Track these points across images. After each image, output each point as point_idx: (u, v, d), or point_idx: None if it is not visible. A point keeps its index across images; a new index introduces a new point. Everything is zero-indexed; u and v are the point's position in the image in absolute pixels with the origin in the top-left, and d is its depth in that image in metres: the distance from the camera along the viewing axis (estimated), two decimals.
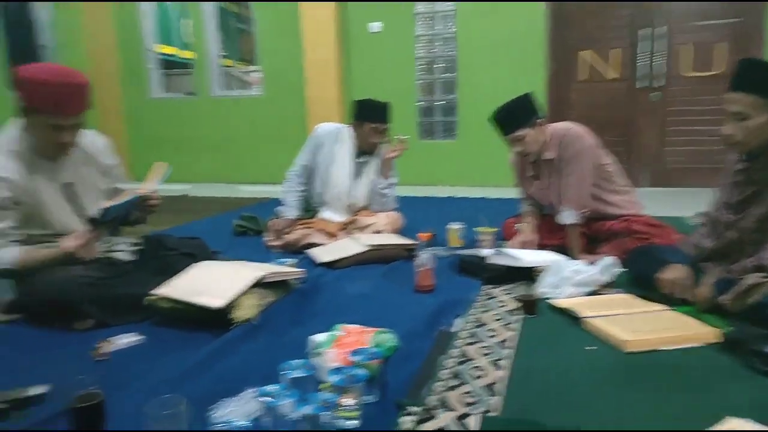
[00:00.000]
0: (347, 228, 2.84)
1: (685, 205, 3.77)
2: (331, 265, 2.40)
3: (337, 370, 1.20)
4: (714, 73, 4.76)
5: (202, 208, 4.39)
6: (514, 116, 2.37)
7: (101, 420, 1.16)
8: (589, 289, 1.96)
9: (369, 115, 2.83)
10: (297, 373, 1.21)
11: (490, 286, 2.12)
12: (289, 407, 1.08)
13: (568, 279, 1.95)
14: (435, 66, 5.66)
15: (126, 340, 1.62)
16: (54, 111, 1.77)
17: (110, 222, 1.88)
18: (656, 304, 1.79)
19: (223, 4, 6.46)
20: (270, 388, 1.14)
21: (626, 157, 4.73)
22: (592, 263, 2.07)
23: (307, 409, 1.05)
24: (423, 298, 1.99)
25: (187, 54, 7.01)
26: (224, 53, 7.05)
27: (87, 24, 6.33)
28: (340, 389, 1.15)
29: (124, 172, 2.21)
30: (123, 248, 2.08)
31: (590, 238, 2.48)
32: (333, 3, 5.47)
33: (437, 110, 5.74)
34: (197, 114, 6.32)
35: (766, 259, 1.62)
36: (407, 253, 2.47)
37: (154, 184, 1.98)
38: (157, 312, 1.77)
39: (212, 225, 3.61)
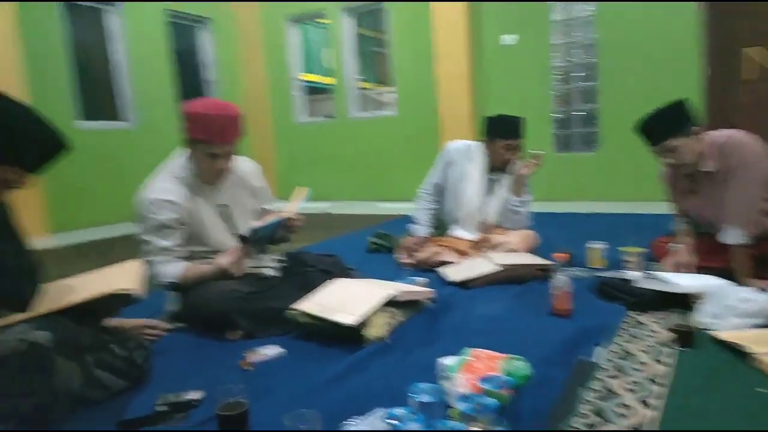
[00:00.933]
0: (479, 246, 2.79)
1: None
2: (462, 284, 2.37)
3: (465, 398, 1.17)
4: None
5: (341, 225, 4.61)
6: (663, 124, 2.16)
7: (245, 427, 1.25)
8: (760, 321, 1.70)
9: (501, 132, 2.77)
10: (425, 398, 1.20)
11: (637, 312, 1.94)
12: None
13: (733, 308, 1.72)
14: (572, 75, 5.39)
15: (269, 351, 1.73)
16: (211, 140, 1.97)
17: (258, 241, 2.03)
18: None
19: (360, 29, 6.79)
20: (398, 411, 1.14)
21: None
22: (763, 290, 1.80)
23: None
24: (559, 322, 1.88)
25: (327, 80, 7.46)
26: (361, 77, 7.38)
27: (243, 59, 7.05)
28: (469, 418, 1.11)
29: (272, 193, 2.39)
30: (269, 264, 2.25)
31: (760, 260, 2.16)
32: (465, 16, 5.49)
33: (575, 121, 5.45)
34: (337, 135, 6.69)
35: None
36: (542, 274, 2.35)
37: (297, 207, 2.11)
38: (297, 325, 1.88)
39: (348, 242, 3.77)
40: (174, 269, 1.97)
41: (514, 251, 2.67)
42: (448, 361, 1.42)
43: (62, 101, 5.16)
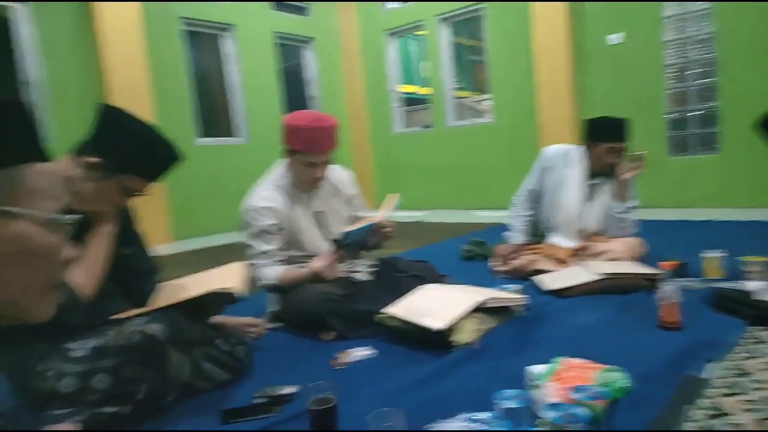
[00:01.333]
0: (579, 254, 2.66)
1: None
2: (559, 293, 2.28)
3: (554, 406, 1.13)
4: None
5: (436, 233, 4.61)
6: None
7: (333, 422, 1.29)
8: None
9: (603, 135, 2.64)
10: (511, 404, 1.17)
11: (759, 327, 1.75)
12: None
13: None
14: (688, 72, 5.00)
15: (360, 352, 1.78)
16: (308, 150, 2.07)
17: (349, 245, 2.10)
18: None
19: (457, 38, 6.80)
20: (482, 415, 1.13)
21: None
22: None
23: None
24: (666, 336, 1.74)
25: (425, 90, 7.53)
26: (459, 86, 7.38)
27: (343, 74, 7.32)
28: (558, 427, 1.07)
29: (364, 201, 2.46)
30: (361, 269, 2.31)
31: None
32: (567, 18, 5.32)
33: (692, 121, 5.04)
34: (434, 145, 6.72)
35: None
36: (649, 284, 2.19)
37: (387, 213, 2.16)
38: (387, 329, 1.91)
39: (442, 249, 3.76)
40: (273, 272, 2.09)
41: (617, 260, 2.51)
42: (537, 369, 1.38)
43: (184, 121, 5.67)
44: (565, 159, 2.76)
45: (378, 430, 1.12)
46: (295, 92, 6.99)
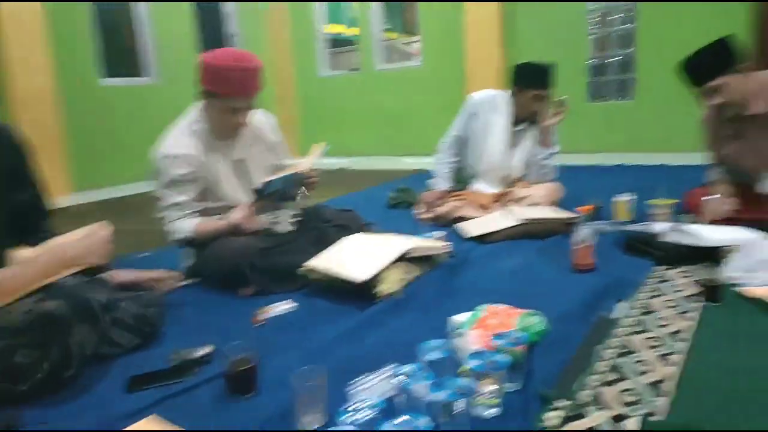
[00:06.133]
0: (501, 200, 2.70)
1: None
2: (481, 239, 2.31)
3: (476, 355, 1.13)
4: None
5: (362, 180, 4.56)
6: (708, 63, 2.01)
7: (253, 384, 1.24)
8: None
9: (530, 81, 2.63)
10: (433, 356, 1.16)
11: (664, 267, 1.85)
12: (424, 390, 1.04)
13: (766, 262, 1.62)
14: (609, 18, 5.10)
15: (282, 307, 1.72)
16: (230, 94, 1.89)
17: (271, 195, 1.99)
18: None
19: None
20: (406, 368, 1.11)
21: None
22: None
23: (441, 396, 1.00)
24: (581, 278, 1.81)
25: (353, 31, 7.25)
26: (388, 27, 7.15)
27: (267, 11, 6.88)
28: (479, 375, 1.08)
29: (288, 149, 2.33)
30: (284, 220, 2.21)
31: None
32: None
33: (610, 68, 5.19)
34: (361, 89, 6.54)
35: None
36: (567, 228, 2.26)
37: (312, 162, 2.06)
38: (310, 282, 1.86)
39: (368, 197, 3.73)
40: (187, 225, 1.95)
41: (538, 205, 2.58)
42: (459, 318, 1.38)
43: (86, 59, 5.14)
44: (491, 105, 2.74)
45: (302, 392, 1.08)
46: (212, 29, 6.52)
